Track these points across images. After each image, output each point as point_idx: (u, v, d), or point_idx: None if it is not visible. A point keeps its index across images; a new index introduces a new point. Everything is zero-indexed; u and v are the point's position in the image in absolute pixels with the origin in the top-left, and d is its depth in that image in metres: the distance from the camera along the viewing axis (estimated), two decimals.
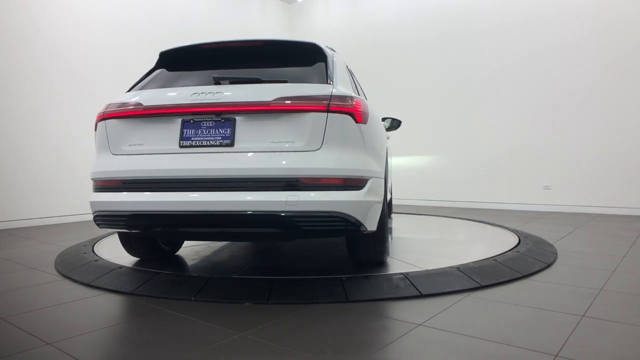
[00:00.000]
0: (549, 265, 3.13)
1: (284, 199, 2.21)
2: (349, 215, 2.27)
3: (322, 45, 2.84)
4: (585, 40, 6.38)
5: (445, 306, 2.28)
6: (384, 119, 4.55)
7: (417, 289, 2.48)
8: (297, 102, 2.32)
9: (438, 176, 7.61)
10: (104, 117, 2.61)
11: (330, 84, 2.50)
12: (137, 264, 3.16)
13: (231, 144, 2.35)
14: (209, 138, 2.38)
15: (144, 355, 1.76)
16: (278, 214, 2.23)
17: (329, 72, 2.60)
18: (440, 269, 2.79)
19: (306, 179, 2.25)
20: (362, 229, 2.37)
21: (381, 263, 2.91)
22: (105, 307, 2.44)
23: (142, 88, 2.75)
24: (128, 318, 2.19)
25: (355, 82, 3.28)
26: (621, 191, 6.15)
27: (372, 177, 2.44)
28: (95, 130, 2.66)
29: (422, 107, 7.72)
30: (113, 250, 3.57)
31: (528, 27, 6.83)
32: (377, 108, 2.98)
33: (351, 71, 3.99)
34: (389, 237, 3.02)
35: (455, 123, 7.52)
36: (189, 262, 3.29)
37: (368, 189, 2.37)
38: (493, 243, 3.78)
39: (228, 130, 2.37)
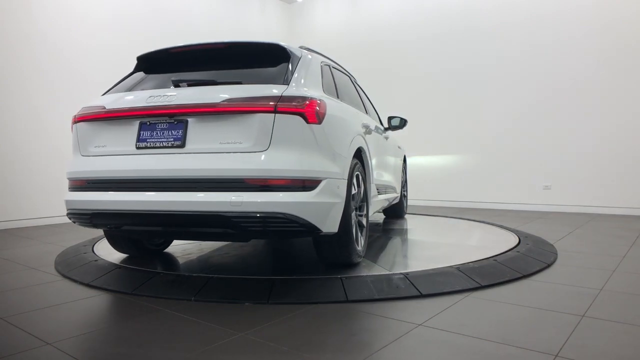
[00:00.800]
0: (549, 265, 3.13)
1: (229, 200, 2.24)
2: (297, 217, 2.26)
3: (288, 45, 2.84)
4: (585, 40, 6.38)
5: (445, 306, 2.28)
6: (391, 118, 4.56)
7: (417, 289, 2.48)
8: (244, 103, 2.35)
9: (438, 176, 7.60)
10: (75, 120, 2.76)
11: (286, 84, 2.51)
12: (137, 264, 3.16)
13: (182, 145, 2.41)
14: (163, 139, 2.45)
15: (144, 355, 1.76)
16: (222, 214, 2.25)
17: (289, 73, 2.60)
18: (441, 268, 2.79)
19: (252, 179, 2.28)
20: (317, 231, 2.38)
21: (350, 265, 2.82)
22: (105, 307, 2.44)
23: (116, 91, 2.85)
24: (128, 318, 2.19)
25: (336, 82, 3.21)
26: (621, 191, 6.15)
27: (327, 178, 2.42)
28: (72, 132, 2.80)
29: (422, 107, 7.72)
30: (113, 251, 3.56)
31: (528, 27, 6.83)
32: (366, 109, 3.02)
33: (348, 73, 4.00)
34: (360, 238, 2.92)
35: (455, 123, 7.52)
36: (189, 262, 3.29)
37: (321, 190, 2.36)
38: (493, 243, 3.78)
39: (180, 132, 2.43)
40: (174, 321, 2.13)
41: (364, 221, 3.07)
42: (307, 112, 2.36)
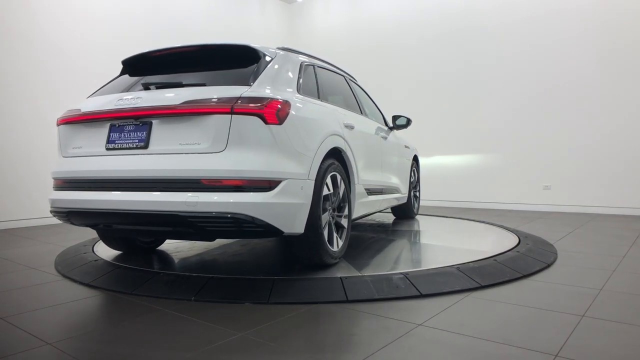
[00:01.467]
0: (549, 265, 3.13)
1: (184, 200, 2.29)
2: (252, 217, 2.28)
3: (259, 46, 2.86)
4: (585, 40, 6.38)
5: (445, 306, 2.28)
6: (396, 117, 4.53)
7: (417, 289, 2.48)
8: (203, 105, 2.38)
9: (438, 176, 7.60)
10: (58, 123, 2.90)
11: (249, 85, 2.53)
12: (137, 264, 3.16)
13: (145, 146, 2.49)
14: (129, 141, 2.54)
15: (144, 355, 1.76)
16: (178, 214, 2.30)
17: (255, 74, 2.63)
18: (441, 268, 2.79)
19: (208, 180, 2.30)
20: (278, 231, 2.39)
21: (323, 266, 2.81)
22: (106, 307, 2.44)
23: (100, 94, 2.94)
24: (128, 318, 2.19)
25: (319, 82, 3.20)
26: (621, 191, 6.15)
27: (287, 179, 2.42)
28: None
29: (422, 107, 7.72)
30: (113, 251, 3.57)
31: (528, 27, 6.83)
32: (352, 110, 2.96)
33: (344, 73, 3.98)
34: (333, 239, 2.89)
35: (455, 123, 7.52)
36: (188, 262, 3.29)
37: (280, 191, 2.37)
38: (493, 243, 3.78)
39: (144, 134, 2.51)
40: (174, 321, 2.13)
41: (344, 222, 3.03)
42: (266, 112, 2.38)
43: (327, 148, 2.78)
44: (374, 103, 4.53)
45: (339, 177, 2.94)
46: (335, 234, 2.89)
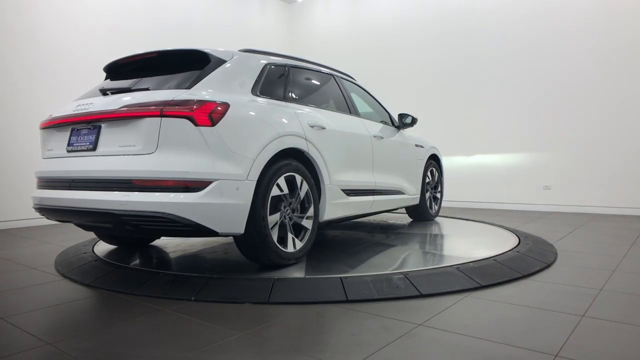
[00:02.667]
0: (549, 265, 3.13)
1: (118, 199, 2.42)
2: (180, 217, 2.34)
3: (211, 49, 2.93)
4: (585, 41, 6.38)
5: (445, 306, 2.28)
6: (401, 116, 4.46)
7: (417, 289, 2.48)
8: (137, 108, 2.52)
9: None
10: (40, 127, 3.12)
11: (188, 88, 2.61)
12: (136, 264, 3.16)
13: (94, 149, 2.66)
14: (82, 144, 2.73)
15: (144, 355, 1.76)
16: (113, 212, 2.44)
17: (198, 77, 2.71)
18: (441, 268, 2.79)
19: (139, 180, 2.42)
20: (210, 231, 2.45)
21: (274, 267, 2.82)
22: (105, 307, 2.44)
23: (79, 99, 3.10)
24: (128, 318, 2.19)
25: (288, 83, 3.24)
26: (621, 191, 6.15)
27: (219, 180, 2.45)
28: None
29: (421, 107, 7.72)
30: (113, 251, 3.57)
31: (529, 28, 6.84)
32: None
33: (334, 73, 3.94)
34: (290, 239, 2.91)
35: (455, 123, 7.52)
36: (188, 261, 3.29)
37: (210, 191, 2.41)
38: (493, 243, 3.78)
39: (93, 137, 2.69)
40: (174, 321, 2.13)
41: (307, 223, 3.02)
42: (196, 114, 2.44)
43: (277, 149, 2.79)
44: (378, 102, 4.45)
45: (298, 178, 2.95)
46: (290, 235, 2.89)
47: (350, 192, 3.53)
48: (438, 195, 5.37)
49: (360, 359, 1.69)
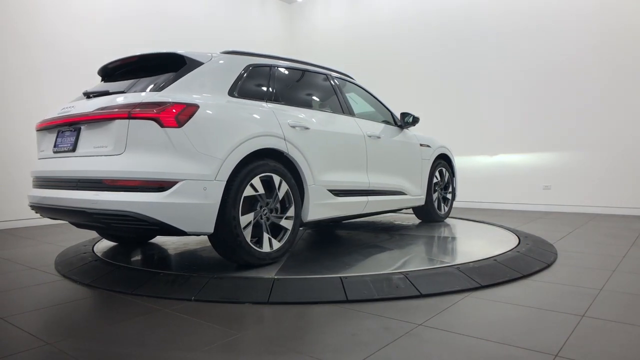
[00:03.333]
0: (549, 265, 3.13)
1: (89, 198, 2.53)
2: (146, 216, 2.41)
3: (188, 52, 2.97)
4: (585, 41, 6.38)
5: (445, 306, 2.28)
6: (404, 115, 4.40)
7: (417, 289, 2.48)
8: (108, 111, 2.62)
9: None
10: (35, 129, 3.25)
11: (159, 90, 2.69)
12: (137, 264, 3.16)
13: (74, 150, 2.79)
14: (65, 145, 2.86)
15: (144, 355, 1.76)
16: (85, 210, 2.56)
17: (172, 80, 2.78)
18: (441, 268, 2.79)
19: (108, 180, 2.53)
20: (177, 230, 2.51)
21: (249, 266, 2.84)
22: (105, 307, 2.44)
23: (74, 100, 3.20)
24: (128, 318, 2.19)
25: (271, 84, 3.25)
26: (621, 191, 6.15)
27: (185, 180, 2.50)
28: None
29: (421, 107, 7.71)
30: (113, 251, 3.57)
31: (529, 27, 6.84)
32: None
33: (328, 73, 3.91)
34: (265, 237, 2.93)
35: (455, 122, 7.52)
36: (188, 261, 3.29)
37: (175, 191, 2.47)
38: (493, 243, 3.78)
39: (74, 138, 2.82)
40: (174, 321, 2.13)
41: (286, 223, 3.03)
42: (162, 116, 2.50)
43: (250, 149, 2.80)
44: (380, 101, 4.40)
45: (277, 178, 2.96)
46: (266, 235, 2.90)
47: (339, 193, 3.48)
48: (449, 196, 5.19)
49: (360, 359, 1.69)
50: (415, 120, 4.47)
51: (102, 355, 1.78)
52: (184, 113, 2.56)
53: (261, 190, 2.87)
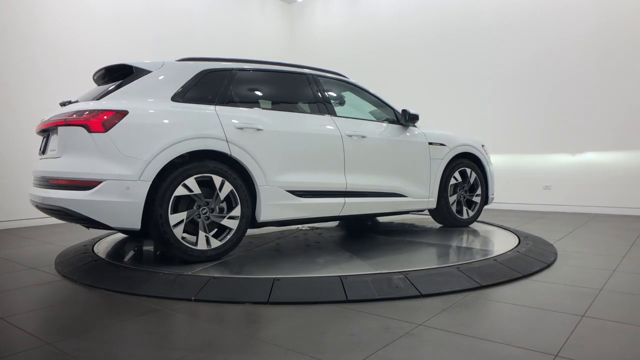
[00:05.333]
0: (549, 265, 3.13)
1: (41, 195, 2.94)
2: (74, 211, 2.75)
3: (137, 62, 3.19)
4: (585, 40, 6.38)
5: (445, 306, 2.28)
6: (404, 113, 4.15)
7: (417, 289, 2.48)
8: (55, 119, 2.99)
9: None
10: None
11: (98, 99, 2.99)
12: (137, 264, 3.16)
13: (44, 153, 3.22)
14: (42, 148, 3.29)
15: (144, 355, 1.77)
16: (40, 205, 2.99)
17: (115, 88, 3.05)
18: (441, 268, 2.79)
19: (52, 179, 2.92)
20: (104, 225, 2.79)
21: (187, 262, 2.97)
22: (105, 307, 2.44)
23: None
24: (128, 318, 2.19)
25: (228, 88, 3.32)
26: (621, 191, 6.15)
27: (108, 180, 2.75)
28: None
29: (421, 107, 7.70)
30: (113, 251, 3.57)
31: (529, 27, 6.84)
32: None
33: (308, 72, 3.83)
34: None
35: (455, 122, 7.52)
36: (189, 261, 3.28)
37: (98, 190, 2.74)
38: (493, 243, 3.78)
39: (44, 143, 3.25)
40: (174, 321, 2.13)
41: (229, 222, 3.09)
42: (90, 123, 2.79)
43: (182, 151, 2.93)
44: (380, 100, 4.23)
45: (217, 178, 3.04)
46: (203, 233, 3.00)
47: (303, 194, 3.43)
48: (476, 199, 4.67)
49: (360, 359, 1.69)
50: (412, 118, 4.21)
51: (102, 355, 1.78)
52: (111, 119, 2.82)
53: (197, 191, 2.98)
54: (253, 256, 3.36)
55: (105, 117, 2.81)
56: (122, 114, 2.85)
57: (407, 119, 4.20)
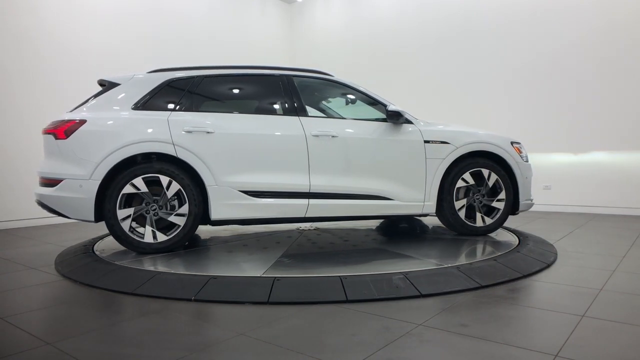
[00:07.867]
0: (549, 265, 3.13)
1: (34, 191, 3.44)
2: (45, 205, 3.33)
3: (113, 77, 3.62)
4: (585, 41, 6.38)
5: (445, 306, 2.28)
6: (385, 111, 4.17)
7: (417, 289, 2.48)
8: (45, 128, 3.44)
9: None
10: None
11: (71, 111, 3.49)
12: (137, 264, 3.16)
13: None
14: None
15: (144, 355, 1.77)
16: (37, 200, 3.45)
17: (90, 100, 3.55)
18: (441, 269, 2.79)
19: (39, 178, 3.46)
20: (66, 216, 3.33)
21: (141, 254, 3.33)
22: (105, 307, 2.44)
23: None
24: (128, 318, 2.19)
25: (188, 95, 3.60)
26: (621, 191, 6.15)
27: (66, 179, 3.25)
28: None
29: (421, 106, 7.72)
30: (113, 250, 3.57)
31: (529, 27, 6.83)
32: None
33: (286, 74, 3.77)
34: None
35: (455, 121, 7.51)
36: (188, 261, 3.29)
37: (59, 187, 3.27)
38: (493, 243, 3.78)
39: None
40: (174, 321, 2.14)
41: (176, 219, 3.36)
42: (56, 131, 3.30)
43: (129, 154, 3.28)
44: (371, 97, 3.96)
45: (165, 178, 3.34)
46: (150, 228, 3.34)
47: (258, 194, 3.42)
48: (497, 204, 4.09)
49: (360, 359, 1.69)
50: (391, 115, 3.82)
51: (102, 355, 1.78)
52: (70, 128, 3.29)
53: (144, 189, 3.31)
54: (253, 256, 3.37)
55: (67, 126, 3.31)
56: (81, 122, 3.32)
57: (387, 116, 3.85)
